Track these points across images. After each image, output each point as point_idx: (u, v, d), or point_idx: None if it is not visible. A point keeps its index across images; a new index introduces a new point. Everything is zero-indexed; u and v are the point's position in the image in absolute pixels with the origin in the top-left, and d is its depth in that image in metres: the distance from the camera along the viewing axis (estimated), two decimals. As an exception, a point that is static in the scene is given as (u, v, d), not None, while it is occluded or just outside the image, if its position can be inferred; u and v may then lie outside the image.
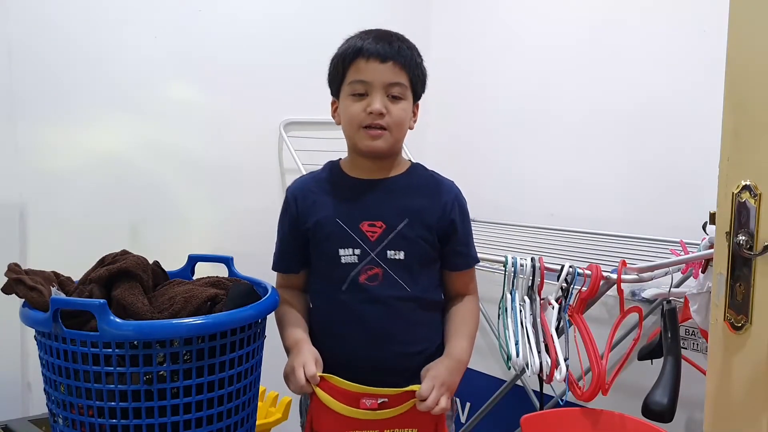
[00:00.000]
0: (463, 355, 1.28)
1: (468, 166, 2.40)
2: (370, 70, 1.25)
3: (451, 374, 1.24)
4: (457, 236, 1.32)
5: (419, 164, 1.39)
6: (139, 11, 1.90)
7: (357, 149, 1.31)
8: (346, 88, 1.28)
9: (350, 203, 1.30)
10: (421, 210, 1.30)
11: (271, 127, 2.19)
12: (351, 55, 1.26)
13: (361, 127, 1.26)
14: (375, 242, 1.27)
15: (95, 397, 1.08)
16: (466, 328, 1.32)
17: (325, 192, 1.32)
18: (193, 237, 2.05)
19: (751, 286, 1.03)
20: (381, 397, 1.18)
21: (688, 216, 1.69)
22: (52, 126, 1.78)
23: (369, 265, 1.27)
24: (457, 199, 1.34)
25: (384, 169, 1.33)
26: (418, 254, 1.29)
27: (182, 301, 1.16)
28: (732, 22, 1.04)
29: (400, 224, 1.28)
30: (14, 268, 1.18)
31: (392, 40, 1.27)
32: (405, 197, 1.31)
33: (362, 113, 1.25)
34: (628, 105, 2.01)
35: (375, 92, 1.25)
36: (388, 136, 1.27)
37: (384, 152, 1.29)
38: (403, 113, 1.28)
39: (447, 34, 2.52)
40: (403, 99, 1.28)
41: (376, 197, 1.30)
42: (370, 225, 1.28)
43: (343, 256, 1.27)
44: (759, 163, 1.02)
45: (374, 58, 1.24)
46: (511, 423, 1.68)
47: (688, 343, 1.85)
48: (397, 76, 1.26)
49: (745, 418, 1.07)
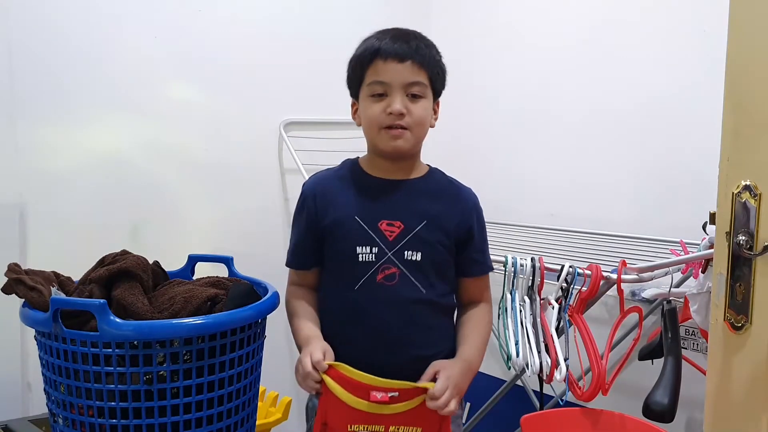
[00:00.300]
0: (475, 360, 1.27)
1: (468, 166, 2.38)
2: (388, 71, 1.24)
3: (464, 377, 1.22)
4: (474, 243, 1.32)
5: (438, 169, 1.38)
6: (139, 11, 1.90)
7: (378, 150, 1.29)
8: (365, 90, 1.27)
9: (370, 202, 1.29)
10: (440, 214, 1.29)
11: (271, 127, 2.19)
12: (369, 56, 1.25)
13: (381, 128, 1.25)
14: (393, 242, 1.26)
15: (95, 397, 1.08)
16: (479, 333, 1.31)
17: (344, 189, 1.31)
18: (193, 237, 2.05)
19: (751, 286, 1.03)
20: (392, 391, 1.16)
21: (688, 216, 1.69)
22: (52, 126, 1.78)
23: (386, 264, 1.25)
24: (476, 207, 1.34)
25: (404, 170, 1.32)
26: (435, 257, 1.27)
27: (182, 301, 1.16)
28: (732, 22, 1.04)
29: (418, 226, 1.27)
30: (14, 268, 1.18)
31: (410, 38, 1.26)
32: (424, 200, 1.30)
33: (382, 114, 1.24)
34: (628, 105, 2.01)
35: (394, 92, 1.24)
36: (409, 136, 1.26)
37: (406, 152, 1.29)
38: (424, 112, 1.27)
39: (447, 34, 2.52)
40: (423, 98, 1.27)
41: (396, 198, 1.29)
42: (388, 224, 1.27)
43: (360, 254, 1.25)
44: (759, 163, 1.02)
45: (392, 58, 1.23)
46: (511, 423, 1.68)
47: (688, 343, 1.85)
48: (416, 75, 1.25)
49: (745, 418, 1.07)
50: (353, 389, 1.16)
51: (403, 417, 1.18)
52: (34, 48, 1.73)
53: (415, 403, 1.18)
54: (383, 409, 1.16)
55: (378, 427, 1.18)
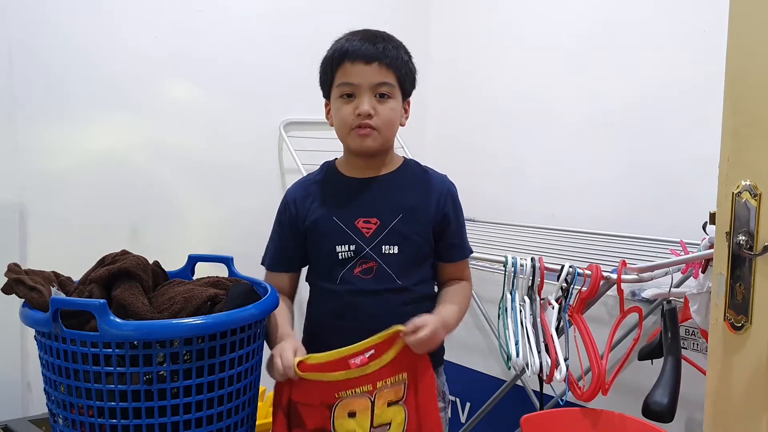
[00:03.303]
0: (451, 318, 1.30)
1: (468, 166, 2.40)
2: (356, 72, 1.28)
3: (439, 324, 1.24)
4: (451, 229, 1.36)
5: (412, 160, 1.42)
6: (139, 11, 1.90)
7: (349, 150, 1.35)
8: (335, 91, 1.31)
9: (346, 202, 1.34)
10: (415, 206, 1.33)
11: (271, 127, 2.19)
12: (337, 58, 1.30)
13: (351, 128, 1.30)
14: (370, 238, 1.31)
15: (95, 397, 1.08)
16: (456, 300, 1.34)
17: (321, 192, 1.36)
18: (193, 237, 2.05)
19: (751, 286, 1.03)
20: (367, 351, 1.20)
21: (688, 216, 1.69)
22: (52, 126, 1.78)
23: (364, 259, 1.30)
24: (450, 192, 1.37)
25: (376, 166, 1.36)
26: (412, 249, 1.32)
27: (182, 301, 1.16)
28: (732, 22, 1.04)
29: (394, 220, 1.31)
30: (14, 268, 1.18)
31: (377, 40, 1.30)
32: (399, 194, 1.34)
33: (351, 115, 1.29)
34: (629, 105, 2.01)
35: (362, 94, 1.28)
36: (377, 136, 1.30)
37: (374, 151, 1.33)
38: (392, 112, 1.30)
39: (447, 34, 2.52)
40: (392, 98, 1.30)
41: (371, 195, 1.34)
42: (365, 222, 1.31)
43: (340, 252, 1.31)
44: (759, 163, 1.02)
45: (360, 59, 1.27)
46: (511, 423, 1.68)
47: (688, 343, 1.85)
48: (384, 76, 1.28)
49: (745, 418, 1.07)
50: (330, 368, 1.19)
51: (387, 369, 1.21)
52: (34, 48, 1.73)
53: (393, 353, 1.20)
54: (365, 370, 1.20)
55: (366, 387, 1.21)
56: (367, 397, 1.21)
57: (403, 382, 1.22)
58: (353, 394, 1.20)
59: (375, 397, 1.21)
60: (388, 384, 1.21)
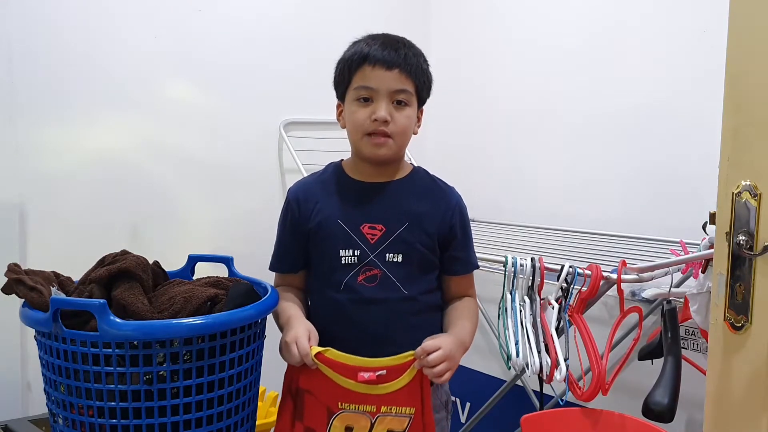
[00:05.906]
0: (467, 337, 1.28)
1: (468, 166, 2.40)
2: (375, 77, 1.25)
3: (455, 346, 1.22)
4: (457, 242, 1.33)
5: (421, 168, 1.40)
6: (139, 11, 1.90)
7: (361, 155, 1.31)
8: (351, 93, 1.28)
9: (352, 205, 1.31)
10: (422, 215, 1.30)
11: (271, 127, 2.19)
12: (357, 61, 1.27)
13: (365, 134, 1.27)
14: (374, 245, 1.28)
15: (95, 397, 1.08)
16: (467, 318, 1.32)
17: (327, 193, 1.33)
18: (193, 237, 2.05)
19: (751, 286, 1.03)
20: (379, 370, 1.18)
21: (688, 216, 1.69)
22: (52, 126, 1.78)
23: (367, 266, 1.28)
24: (458, 205, 1.35)
25: (386, 173, 1.33)
26: (417, 258, 1.29)
27: (182, 301, 1.16)
28: (732, 22, 1.04)
29: (400, 228, 1.29)
30: (14, 268, 1.18)
31: (399, 46, 1.27)
32: (406, 201, 1.31)
33: (367, 120, 1.26)
34: (629, 105, 2.01)
35: (380, 99, 1.25)
36: (391, 144, 1.28)
37: (387, 159, 1.31)
38: (408, 120, 1.28)
39: (447, 34, 2.52)
40: (408, 105, 1.28)
41: (378, 200, 1.31)
42: (370, 227, 1.29)
43: (343, 256, 1.28)
44: (759, 163, 1.02)
45: (380, 65, 1.25)
46: (511, 423, 1.68)
47: (688, 343, 1.85)
48: (403, 83, 1.26)
49: (745, 418, 1.07)
50: (342, 371, 1.18)
51: (395, 397, 1.18)
52: (34, 48, 1.73)
53: (405, 381, 1.18)
54: (373, 389, 1.18)
55: (369, 407, 1.19)
56: (368, 418, 1.20)
57: (409, 417, 1.20)
58: (355, 410, 1.19)
59: (376, 421, 1.19)
60: (392, 412, 1.19)
